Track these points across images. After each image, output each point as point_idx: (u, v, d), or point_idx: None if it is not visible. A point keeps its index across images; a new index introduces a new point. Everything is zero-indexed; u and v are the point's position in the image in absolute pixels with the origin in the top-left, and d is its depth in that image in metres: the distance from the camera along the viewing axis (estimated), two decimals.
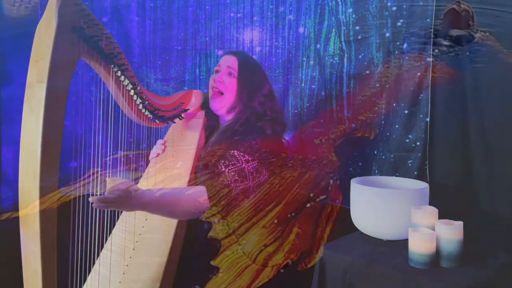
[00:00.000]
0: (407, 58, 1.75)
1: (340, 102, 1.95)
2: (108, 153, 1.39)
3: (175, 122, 1.72)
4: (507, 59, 1.51)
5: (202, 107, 1.85)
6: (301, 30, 2.09)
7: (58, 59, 1.05)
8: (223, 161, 1.54)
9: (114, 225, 1.52)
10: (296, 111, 2.10)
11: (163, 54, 2.34)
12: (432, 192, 1.46)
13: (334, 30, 1.98)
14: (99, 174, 1.36)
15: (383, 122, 1.83)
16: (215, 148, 1.63)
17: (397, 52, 1.79)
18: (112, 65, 1.30)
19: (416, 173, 1.70)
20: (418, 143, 1.72)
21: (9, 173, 2.19)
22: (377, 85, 1.83)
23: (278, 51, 2.16)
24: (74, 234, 1.24)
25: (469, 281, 1.18)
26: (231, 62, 1.73)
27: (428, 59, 1.69)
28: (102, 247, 1.45)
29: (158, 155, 1.74)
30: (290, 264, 1.53)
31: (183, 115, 1.73)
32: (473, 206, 1.59)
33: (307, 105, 2.06)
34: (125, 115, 1.46)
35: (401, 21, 1.77)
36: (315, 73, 2.04)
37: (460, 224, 1.24)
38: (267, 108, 1.69)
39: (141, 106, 1.47)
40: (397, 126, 1.77)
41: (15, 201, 1.07)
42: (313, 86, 2.05)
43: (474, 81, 1.61)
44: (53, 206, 1.06)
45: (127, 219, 1.53)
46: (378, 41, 1.84)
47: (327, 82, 2.00)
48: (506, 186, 1.54)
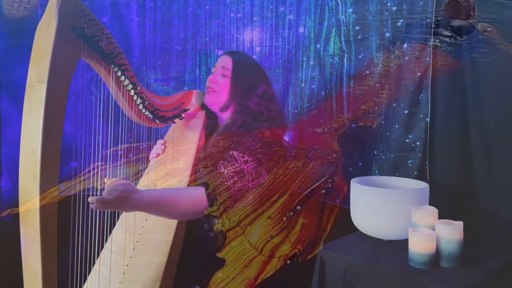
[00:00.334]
0: (407, 58, 1.75)
1: (340, 102, 1.95)
2: (108, 153, 1.39)
3: (175, 122, 1.72)
4: (508, 50, 1.50)
5: (202, 107, 1.85)
6: (301, 30, 2.09)
7: (58, 59, 1.05)
8: (222, 162, 1.54)
9: (114, 225, 1.52)
10: (296, 111, 2.09)
11: (163, 54, 2.34)
12: (432, 192, 1.45)
13: (334, 30, 1.98)
14: (99, 169, 1.36)
15: (383, 122, 1.83)
16: (214, 148, 1.63)
17: (397, 52, 1.79)
18: (112, 65, 1.30)
19: (416, 173, 1.70)
20: (418, 143, 1.72)
21: (9, 173, 2.19)
22: (377, 85, 1.83)
23: (278, 51, 2.16)
24: (74, 234, 1.24)
25: (469, 281, 1.18)
26: (225, 62, 1.74)
27: (428, 58, 1.69)
28: (102, 247, 1.45)
29: (158, 155, 1.74)
30: (298, 255, 1.53)
31: (183, 115, 1.73)
32: (473, 206, 1.59)
33: (307, 105, 2.06)
34: (125, 115, 1.46)
35: (401, 21, 1.77)
36: (315, 73, 2.04)
37: (460, 224, 1.24)
38: (262, 108, 1.69)
39: (141, 106, 1.47)
40: (397, 126, 1.77)
41: (15, 200, 1.07)
42: (313, 86, 2.05)
43: (474, 78, 1.60)
44: (53, 207, 1.06)
45: (127, 219, 1.53)
46: (378, 41, 1.84)
47: (327, 82, 2.00)
48: (506, 186, 1.54)
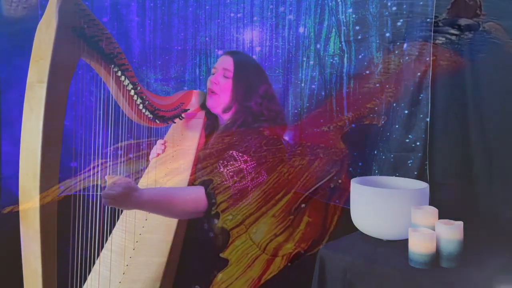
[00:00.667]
0: (407, 58, 1.75)
1: (340, 102, 1.95)
2: (109, 153, 1.39)
3: (175, 122, 1.72)
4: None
5: (202, 107, 1.85)
6: (301, 30, 2.09)
7: (58, 59, 1.05)
8: (221, 161, 1.54)
9: (114, 225, 1.52)
10: (296, 111, 2.09)
11: (163, 54, 2.34)
12: (432, 192, 1.46)
13: (334, 30, 1.97)
14: (99, 168, 1.36)
15: (383, 122, 1.83)
16: (214, 148, 1.63)
17: (397, 52, 1.79)
18: (112, 65, 1.30)
19: (416, 173, 1.70)
20: (418, 143, 1.72)
21: (9, 172, 2.19)
22: (377, 85, 1.83)
23: (278, 51, 2.16)
24: (75, 234, 1.24)
25: (469, 281, 1.18)
26: (227, 63, 1.73)
27: (428, 59, 1.69)
28: (102, 247, 1.45)
29: (158, 155, 1.74)
30: (302, 253, 1.53)
31: (183, 115, 1.73)
32: (473, 206, 1.59)
33: (307, 105, 2.06)
34: (125, 115, 1.46)
35: (401, 21, 1.77)
36: (315, 73, 2.04)
37: (460, 224, 1.24)
38: (263, 108, 1.69)
39: (141, 106, 1.47)
40: (397, 126, 1.77)
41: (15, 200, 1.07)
42: (313, 86, 2.04)
43: (474, 78, 1.60)
44: (53, 207, 1.06)
45: (127, 219, 1.53)
46: (378, 41, 1.84)
47: (327, 82, 2.00)
48: (506, 186, 1.54)
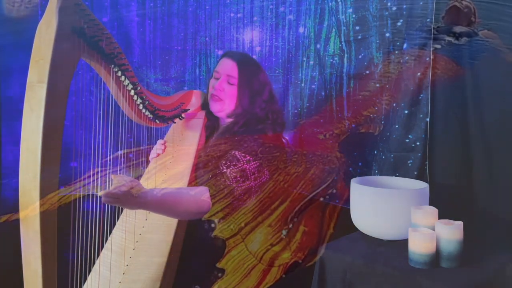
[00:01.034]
0: (407, 58, 1.75)
1: (340, 102, 1.95)
2: (108, 153, 1.39)
3: (175, 122, 1.72)
4: (508, 57, 1.51)
5: (202, 107, 1.85)
6: (301, 30, 2.09)
7: (58, 59, 1.05)
8: (224, 162, 1.54)
9: (114, 225, 1.52)
10: (296, 111, 2.10)
11: (163, 54, 2.34)
12: (432, 192, 1.46)
13: (334, 30, 1.98)
14: (99, 175, 1.36)
15: (383, 122, 1.83)
16: (214, 148, 1.63)
17: (397, 52, 1.79)
18: (113, 65, 1.30)
19: (416, 173, 1.71)
20: (418, 143, 1.72)
21: (9, 172, 2.19)
22: (377, 85, 1.83)
23: (278, 51, 2.16)
24: (75, 234, 1.24)
25: (469, 281, 1.18)
26: (230, 69, 1.69)
27: (428, 59, 1.69)
28: (102, 247, 1.45)
29: (158, 155, 1.74)
30: (299, 263, 1.53)
31: (183, 115, 1.73)
32: (473, 206, 1.59)
33: (307, 105, 2.06)
34: (125, 115, 1.46)
35: (401, 21, 1.78)
36: (315, 73, 2.04)
37: (460, 224, 1.24)
38: (268, 111, 1.69)
39: (141, 106, 1.47)
40: (397, 126, 1.77)
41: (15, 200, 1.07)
42: (313, 86, 2.05)
43: (474, 80, 1.61)
44: (53, 207, 1.06)
45: (127, 219, 1.53)
46: (378, 41, 1.85)
47: (327, 82, 2.00)
48: (506, 186, 1.54)
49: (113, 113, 1.37)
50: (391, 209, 1.39)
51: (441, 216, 1.31)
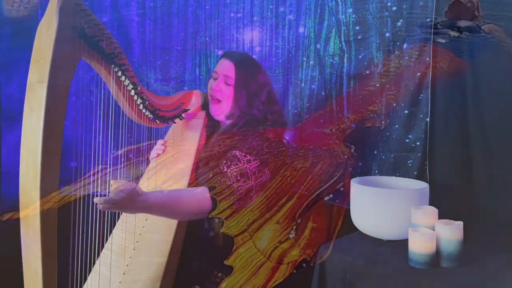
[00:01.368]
0: (407, 58, 1.75)
1: (340, 102, 1.95)
2: (109, 153, 1.39)
3: (175, 123, 1.72)
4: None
5: (202, 107, 1.85)
6: (301, 30, 2.09)
7: (59, 59, 1.05)
8: (224, 162, 1.54)
9: (114, 225, 1.52)
10: (296, 111, 2.10)
11: (163, 54, 2.34)
12: (432, 192, 1.46)
13: (334, 30, 1.98)
14: (99, 175, 1.36)
15: (383, 122, 1.83)
16: (214, 149, 1.63)
17: (397, 52, 1.79)
18: (113, 65, 1.30)
19: (416, 173, 1.71)
20: (418, 143, 1.72)
21: (9, 172, 2.19)
22: (377, 85, 1.84)
23: (278, 51, 2.16)
24: (75, 234, 1.24)
25: (469, 281, 1.18)
26: (228, 69, 1.69)
27: (428, 58, 1.69)
28: (103, 247, 1.45)
29: (159, 155, 1.74)
30: (308, 260, 1.51)
31: (183, 115, 1.73)
32: (473, 206, 1.59)
33: (307, 105, 2.06)
34: (125, 115, 1.46)
35: (401, 21, 1.78)
36: (315, 73, 2.04)
37: (460, 224, 1.24)
38: (267, 112, 1.68)
39: (141, 106, 1.47)
40: (397, 126, 1.77)
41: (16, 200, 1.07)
42: (313, 86, 2.05)
43: (474, 78, 1.61)
44: (54, 207, 1.06)
45: (127, 219, 1.53)
46: (378, 41, 1.85)
47: (327, 82, 2.00)
48: (506, 186, 1.54)
49: (113, 113, 1.38)
50: (391, 209, 1.39)
51: (441, 216, 1.31)
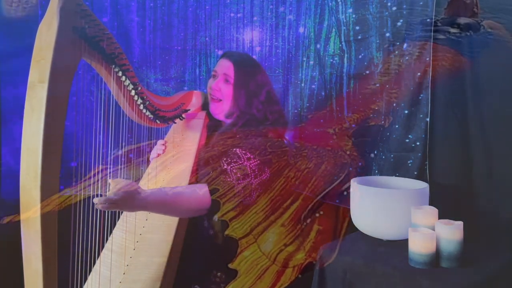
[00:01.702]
0: (407, 58, 1.75)
1: (340, 102, 1.96)
2: (109, 153, 1.39)
3: (175, 123, 1.72)
4: None
5: (203, 107, 1.85)
6: (301, 30, 2.09)
7: (59, 59, 1.05)
8: (225, 159, 1.54)
9: (114, 225, 1.52)
10: (296, 111, 2.10)
11: (163, 54, 2.34)
12: (432, 192, 1.46)
13: (334, 30, 1.98)
14: (100, 176, 1.36)
15: (382, 122, 1.83)
16: (215, 148, 1.63)
17: (397, 52, 1.79)
18: (113, 66, 1.30)
19: (416, 173, 1.71)
20: (418, 143, 1.72)
21: (9, 172, 2.19)
22: (377, 85, 1.84)
23: (278, 51, 2.16)
24: (75, 234, 1.24)
25: (469, 281, 1.18)
26: (227, 68, 1.69)
27: (428, 58, 1.69)
28: (103, 247, 1.45)
29: (159, 155, 1.74)
30: (314, 263, 1.50)
31: (183, 115, 1.73)
32: (473, 206, 1.59)
33: (307, 105, 2.06)
34: (126, 115, 1.46)
35: (401, 21, 1.78)
36: (315, 73, 2.04)
37: (460, 224, 1.25)
38: (266, 112, 1.68)
39: (142, 107, 1.47)
40: (397, 126, 1.77)
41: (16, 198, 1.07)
42: (313, 86, 2.05)
43: (474, 78, 1.61)
44: (55, 209, 1.06)
45: (127, 219, 1.53)
46: (378, 41, 1.85)
47: (327, 82, 2.00)
48: (506, 186, 1.54)
49: (113, 113, 1.38)
50: (391, 209, 1.39)
51: (441, 216, 1.31)
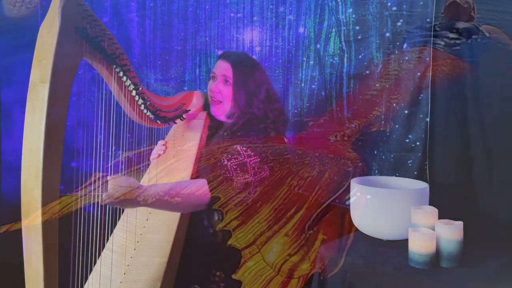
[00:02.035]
0: (407, 58, 1.76)
1: (340, 102, 1.96)
2: (109, 153, 1.39)
3: (176, 123, 1.72)
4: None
5: (203, 108, 1.85)
6: (301, 30, 2.09)
7: (61, 59, 1.05)
8: (226, 155, 1.54)
9: (115, 225, 1.53)
10: (296, 111, 2.10)
11: (163, 54, 2.34)
12: (432, 192, 1.46)
13: (334, 30, 1.98)
14: (101, 182, 1.35)
15: (383, 122, 1.83)
16: (215, 148, 1.63)
17: (397, 52, 1.79)
18: (114, 66, 1.30)
19: (416, 173, 1.71)
20: (418, 143, 1.72)
21: (9, 171, 2.19)
22: (377, 85, 1.84)
23: (278, 51, 2.16)
24: (76, 234, 1.24)
25: (469, 281, 1.18)
26: (225, 70, 1.69)
27: (428, 59, 1.69)
28: (103, 247, 1.45)
29: (159, 155, 1.74)
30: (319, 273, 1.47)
31: (184, 115, 1.73)
32: (473, 206, 1.59)
33: (307, 105, 2.07)
34: (126, 115, 1.46)
35: (401, 21, 1.78)
36: (315, 73, 2.05)
37: (460, 224, 1.25)
38: (267, 110, 1.68)
39: (142, 107, 1.47)
40: (397, 126, 1.78)
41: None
42: (313, 86, 2.05)
43: (474, 78, 1.61)
44: (56, 216, 1.06)
45: (128, 219, 1.53)
46: (378, 41, 1.85)
47: (327, 82, 2.00)
48: (506, 186, 1.54)
49: (114, 113, 1.38)
50: (391, 209, 1.39)
51: (441, 216, 1.31)
